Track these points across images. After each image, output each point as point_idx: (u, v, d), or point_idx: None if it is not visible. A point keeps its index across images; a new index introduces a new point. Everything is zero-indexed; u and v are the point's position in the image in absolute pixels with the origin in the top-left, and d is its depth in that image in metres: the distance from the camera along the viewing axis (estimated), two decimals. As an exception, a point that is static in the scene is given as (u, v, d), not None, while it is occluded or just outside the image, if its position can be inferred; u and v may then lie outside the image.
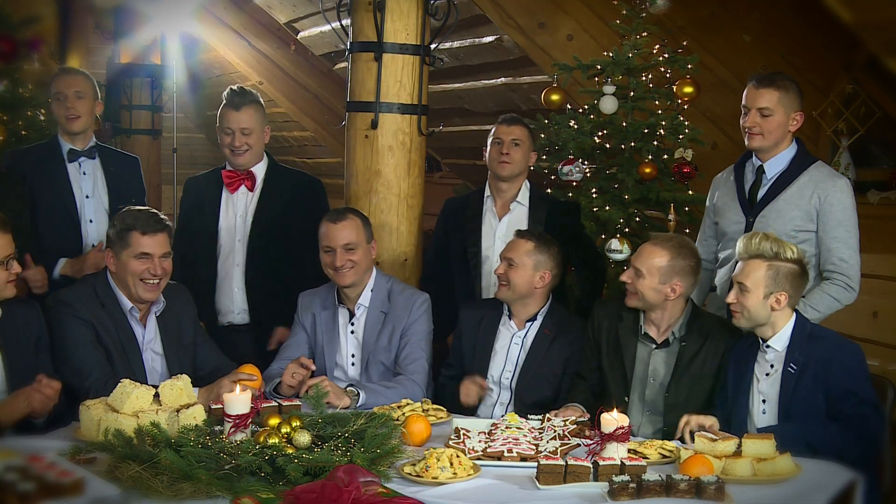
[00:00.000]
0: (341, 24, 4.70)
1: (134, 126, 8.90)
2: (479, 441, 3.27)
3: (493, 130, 4.57)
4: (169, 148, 9.24)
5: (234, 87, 4.61)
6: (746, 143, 4.03)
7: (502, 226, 4.51)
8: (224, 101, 4.54)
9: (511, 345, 4.03)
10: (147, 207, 3.94)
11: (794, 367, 3.41)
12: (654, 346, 3.77)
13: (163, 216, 3.87)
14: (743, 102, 4.00)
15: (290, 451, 2.92)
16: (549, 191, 5.31)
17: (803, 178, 3.92)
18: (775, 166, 3.98)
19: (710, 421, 3.37)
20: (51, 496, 2.58)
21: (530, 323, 4.03)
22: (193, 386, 3.41)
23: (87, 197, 4.66)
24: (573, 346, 3.97)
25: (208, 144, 11.41)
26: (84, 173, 4.67)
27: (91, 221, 4.65)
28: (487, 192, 4.62)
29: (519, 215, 4.53)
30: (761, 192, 3.99)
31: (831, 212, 3.86)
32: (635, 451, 3.21)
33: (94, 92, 4.73)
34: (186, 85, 9.64)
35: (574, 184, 5.22)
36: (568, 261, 4.32)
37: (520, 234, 4.11)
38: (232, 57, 9.71)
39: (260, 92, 4.97)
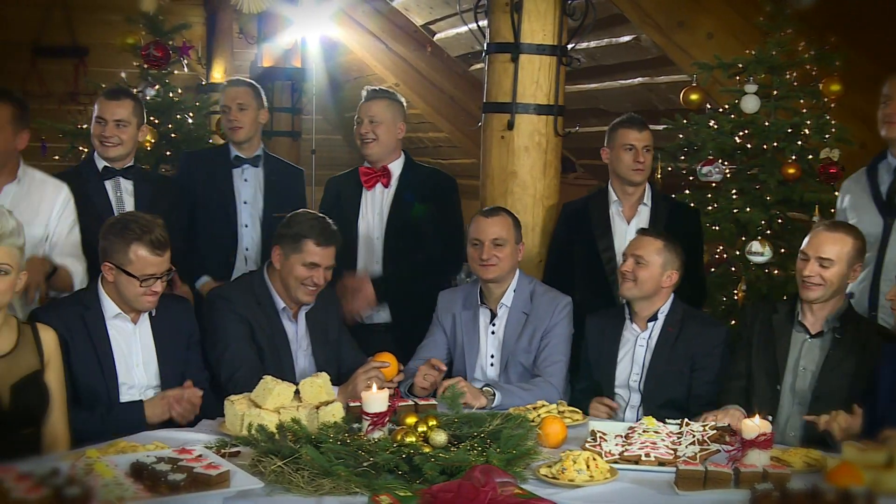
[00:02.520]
0: (478, 26, 4.73)
1: (275, 128, 9.11)
2: (616, 444, 3.23)
3: (618, 133, 4.48)
4: (308, 149, 9.44)
5: (375, 87, 4.73)
6: (884, 133, 3.88)
7: (632, 228, 4.44)
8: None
9: (636, 347, 3.97)
10: (324, 216, 4.05)
11: None
12: (808, 336, 3.70)
13: (335, 228, 3.98)
14: (884, 91, 3.85)
15: (426, 450, 2.94)
16: (687, 192, 5.22)
17: None
18: None
19: (856, 424, 3.26)
20: (199, 487, 2.66)
21: (652, 323, 3.96)
22: (333, 384, 3.49)
23: (244, 202, 4.86)
24: (697, 342, 3.90)
25: (346, 146, 11.61)
26: (245, 180, 4.90)
27: (246, 226, 4.87)
28: (613, 195, 4.54)
29: (645, 217, 4.49)
30: None
31: None
32: (778, 459, 3.12)
33: (259, 102, 4.93)
34: (326, 87, 9.84)
35: (713, 185, 5.12)
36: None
37: (646, 232, 4.07)
38: (369, 59, 9.85)
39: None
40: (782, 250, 4.95)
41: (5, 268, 3.17)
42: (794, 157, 4.97)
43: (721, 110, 5.22)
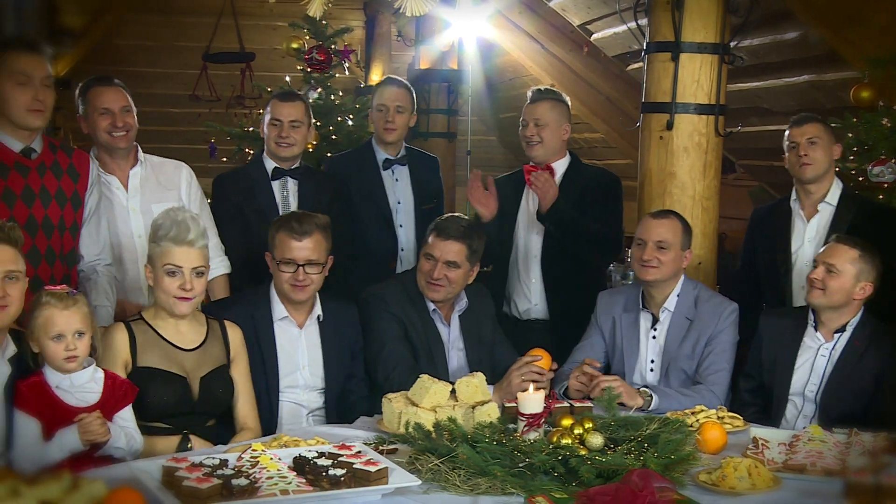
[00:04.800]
0: (637, 25, 4.67)
1: (431, 130, 9.21)
2: (780, 452, 3.13)
3: (786, 135, 4.36)
4: (463, 150, 9.52)
5: (540, 87, 4.72)
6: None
7: (811, 228, 4.29)
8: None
9: (817, 357, 3.81)
10: (459, 215, 4.11)
11: None
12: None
13: (464, 224, 4.02)
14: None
15: (582, 452, 2.92)
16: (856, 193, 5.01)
17: None
18: None
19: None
20: (359, 483, 2.71)
21: (839, 334, 3.79)
22: (488, 384, 3.50)
23: (398, 203, 4.93)
24: (887, 361, 3.70)
25: (501, 147, 11.65)
26: (397, 180, 4.97)
27: (401, 227, 4.93)
28: (794, 195, 4.40)
29: (826, 216, 4.29)
30: None
31: None
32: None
33: (413, 105, 5.00)
34: (482, 89, 9.89)
35: (885, 185, 4.88)
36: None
37: (842, 239, 3.86)
38: (525, 60, 9.85)
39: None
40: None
41: (203, 269, 3.39)
42: (973, 157, 4.71)
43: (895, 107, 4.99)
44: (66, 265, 3.80)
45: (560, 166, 4.66)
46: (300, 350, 3.81)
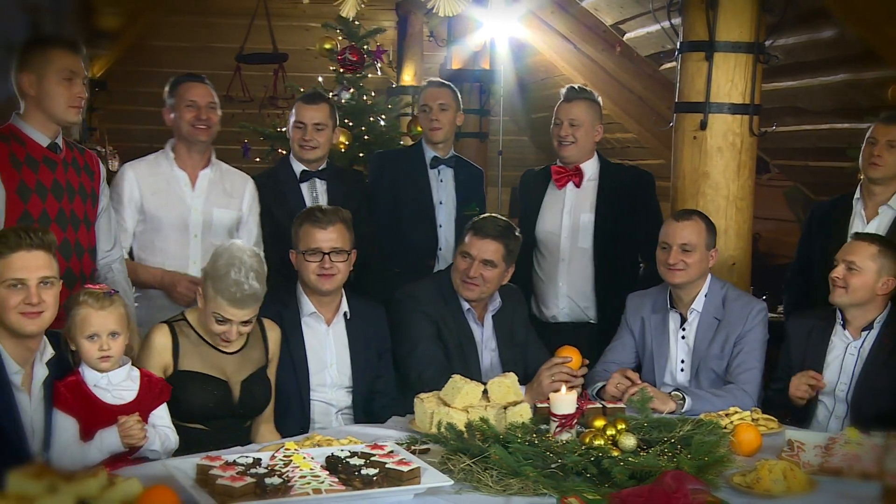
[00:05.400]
0: (671, 24, 4.64)
1: (462, 129, 9.21)
2: (815, 455, 3.10)
3: (870, 129, 4.25)
4: (495, 150, 9.51)
5: (574, 86, 4.70)
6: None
7: (870, 229, 4.21)
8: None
9: (846, 355, 3.79)
10: (496, 215, 4.12)
11: None
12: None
13: (501, 224, 4.02)
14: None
15: (615, 453, 2.91)
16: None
17: None
18: None
19: None
20: (391, 483, 2.71)
21: (866, 332, 3.77)
22: (520, 384, 3.49)
23: (440, 203, 4.95)
24: None
25: (533, 147, 11.63)
26: (441, 180, 5.01)
27: (441, 226, 4.97)
28: (858, 193, 4.34)
29: (887, 220, 4.23)
30: None
31: None
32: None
33: (457, 104, 5.04)
34: (513, 89, 9.88)
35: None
36: None
37: (860, 236, 3.88)
38: (557, 60, 9.82)
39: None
40: None
41: (250, 320, 3.46)
42: None
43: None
44: (93, 259, 3.86)
45: (589, 167, 4.65)
46: (328, 348, 3.82)
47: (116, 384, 3.09)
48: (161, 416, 3.18)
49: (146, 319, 3.82)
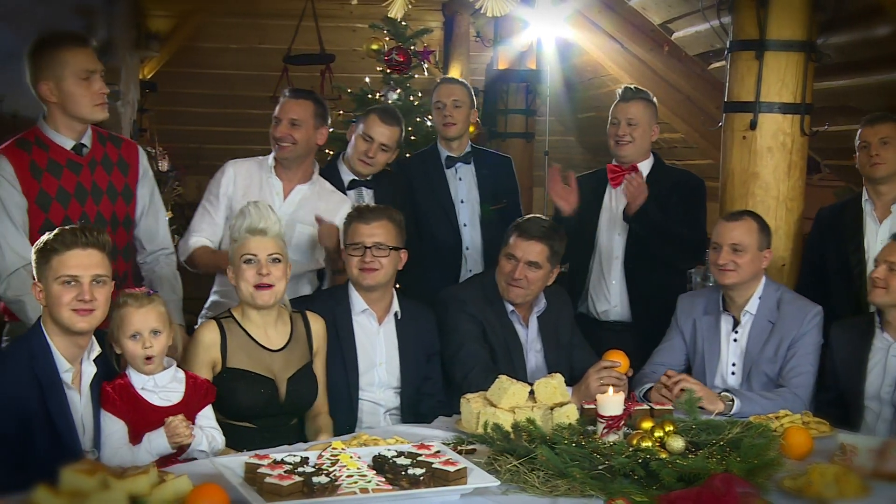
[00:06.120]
0: (720, 23, 4.61)
1: (509, 129, 9.20)
2: (869, 459, 3.05)
3: (858, 133, 4.31)
4: (541, 151, 9.48)
5: (630, 86, 4.68)
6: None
7: (883, 230, 4.22)
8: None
9: (888, 357, 3.74)
10: (540, 216, 4.12)
11: None
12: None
13: (546, 225, 4.00)
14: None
15: (663, 455, 2.89)
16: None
17: None
18: None
19: None
20: (438, 483, 2.72)
21: None
22: (567, 385, 3.48)
23: (462, 202, 4.93)
24: None
25: (580, 147, 11.57)
26: (460, 178, 4.97)
27: (465, 225, 4.93)
28: (865, 196, 4.34)
29: None
30: None
31: None
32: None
33: (471, 101, 5.00)
34: (560, 89, 9.84)
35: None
36: None
37: None
38: (604, 60, 9.77)
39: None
40: None
41: (279, 256, 3.44)
42: None
43: None
44: (125, 260, 3.84)
45: (645, 167, 4.63)
46: (378, 346, 3.84)
47: (163, 386, 3.12)
48: (207, 416, 3.21)
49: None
